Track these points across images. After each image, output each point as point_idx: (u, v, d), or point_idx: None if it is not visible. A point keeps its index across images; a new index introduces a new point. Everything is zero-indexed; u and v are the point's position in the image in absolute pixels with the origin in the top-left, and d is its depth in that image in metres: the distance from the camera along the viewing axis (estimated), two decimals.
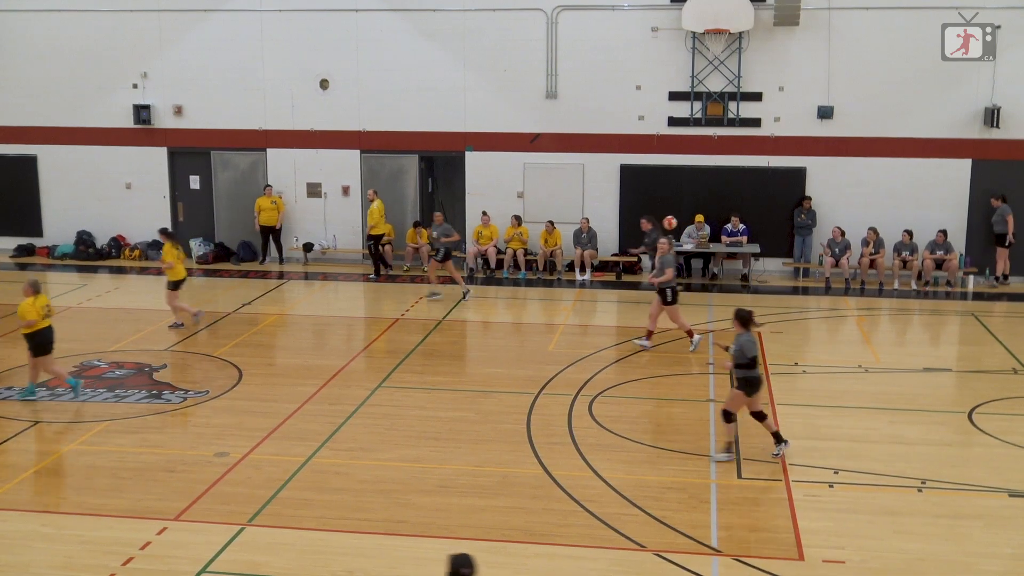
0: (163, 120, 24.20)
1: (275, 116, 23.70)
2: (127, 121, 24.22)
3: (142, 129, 24.19)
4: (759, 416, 12.46)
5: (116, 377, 15.67)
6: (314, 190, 23.85)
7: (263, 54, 23.43)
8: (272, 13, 23.31)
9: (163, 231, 18.81)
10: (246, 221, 24.01)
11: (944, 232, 21.66)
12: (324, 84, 23.41)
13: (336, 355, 17.33)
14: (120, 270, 23.50)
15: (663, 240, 17.34)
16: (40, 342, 14.57)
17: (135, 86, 24.08)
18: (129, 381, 15.51)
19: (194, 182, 24.54)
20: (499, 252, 22.90)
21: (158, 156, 24.41)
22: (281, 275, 22.98)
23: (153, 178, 24.48)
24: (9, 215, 25.06)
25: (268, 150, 23.94)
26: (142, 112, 24.02)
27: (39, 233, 25.00)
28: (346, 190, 23.61)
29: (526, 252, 22.79)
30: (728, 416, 12.37)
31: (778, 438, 12.52)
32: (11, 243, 25.02)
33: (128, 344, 17.54)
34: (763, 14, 21.61)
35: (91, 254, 24.38)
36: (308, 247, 23.74)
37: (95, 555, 10.14)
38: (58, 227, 24.87)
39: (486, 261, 22.90)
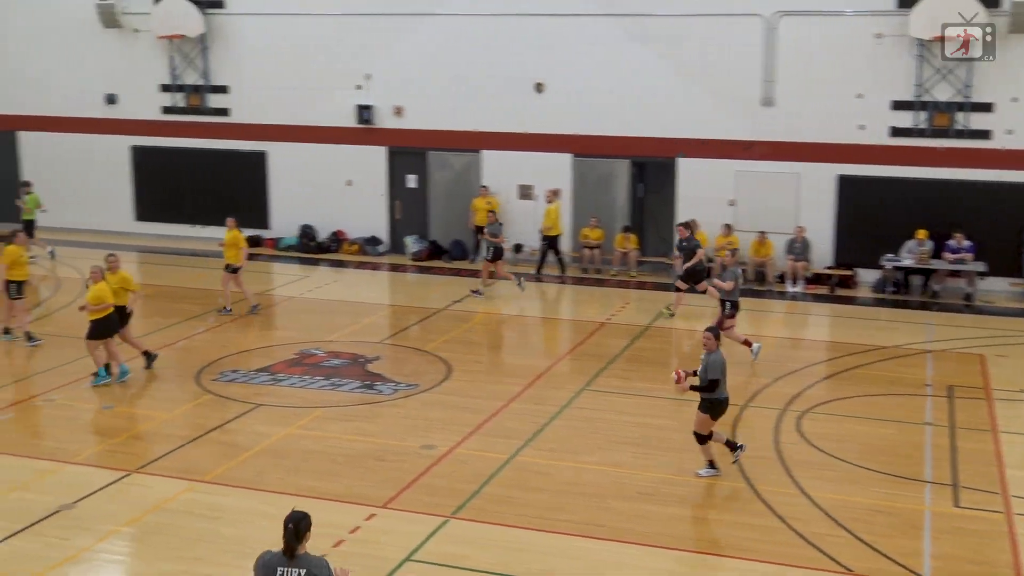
0: (384, 120, 25.02)
1: (490, 118, 24.14)
2: (350, 121, 25.16)
3: (364, 128, 25.10)
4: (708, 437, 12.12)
5: (332, 366, 16.32)
6: (525, 192, 24.17)
7: (480, 57, 23.90)
8: (490, 17, 23.75)
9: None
10: (459, 220, 24.56)
11: None
12: (539, 88, 23.70)
13: (542, 356, 17.54)
14: (339, 263, 24.44)
15: (727, 251, 17.36)
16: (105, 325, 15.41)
17: (359, 87, 24.99)
18: (344, 371, 16.13)
19: (411, 181, 25.28)
20: (708, 261, 22.64)
21: (378, 155, 25.26)
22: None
23: (372, 176, 25.35)
24: (240, 207, 26.34)
25: (482, 151, 24.42)
26: (364, 112, 24.92)
27: (266, 225, 26.28)
28: (557, 192, 23.82)
29: (737, 261, 22.40)
30: (700, 439, 12.09)
31: (731, 446, 12.32)
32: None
33: (345, 335, 18.24)
34: (997, 20, 20.56)
35: (313, 247, 25.47)
36: (518, 248, 24.08)
37: (314, 535, 10.58)
38: (284, 220, 26.09)
39: None
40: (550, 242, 23.04)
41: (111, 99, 27.00)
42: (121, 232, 26.59)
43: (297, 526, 7.28)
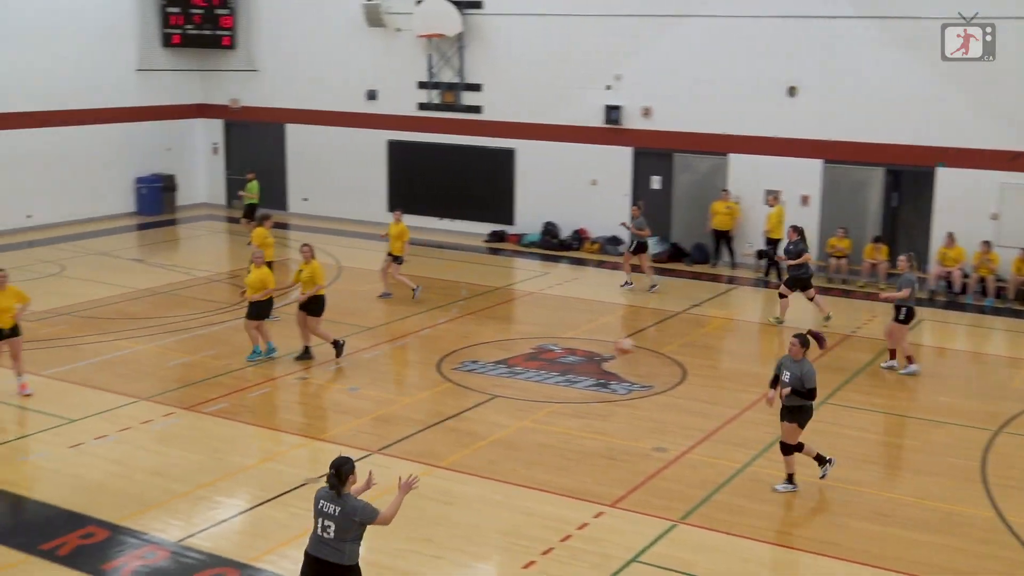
0: (631, 121, 25.05)
1: (739, 121, 23.76)
2: (598, 120, 25.33)
3: (611, 129, 25.21)
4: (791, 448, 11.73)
5: (568, 363, 16.50)
6: (772, 197, 23.63)
7: (732, 59, 23.54)
8: (745, 19, 23.35)
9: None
10: (702, 223, 24.31)
11: None
12: (792, 91, 23.12)
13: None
14: (580, 261, 24.66)
15: (902, 257, 16.39)
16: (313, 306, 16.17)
17: (608, 87, 25.12)
18: (579, 368, 16.27)
19: (655, 182, 25.21)
20: (964, 276, 21.48)
21: (623, 155, 25.33)
22: (731, 280, 23.05)
23: (617, 176, 25.43)
24: (487, 203, 27.12)
25: (729, 155, 24.07)
26: (612, 112, 25.03)
27: (511, 221, 26.83)
28: (805, 199, 23.19)
29: (996, 278, 21.18)
30: (789, 449, 11.69)
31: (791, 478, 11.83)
32: (486, 229, 27.06)
33: (582, 332, 18.40)
34: None
35: (555, 244, 25.80)
36: (761, 254, 23.60)
37: (537, 528, 10.78)
38: (528, 217, 26.56)
39: (949, 284, 21.56)
40: (773, 245, 22.51)
41: (372, 95, 28.23)
42: (375, 222, 27.73)
43: (339, 470, 7.99)
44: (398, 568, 9.94)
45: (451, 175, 27.45)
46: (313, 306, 16.22)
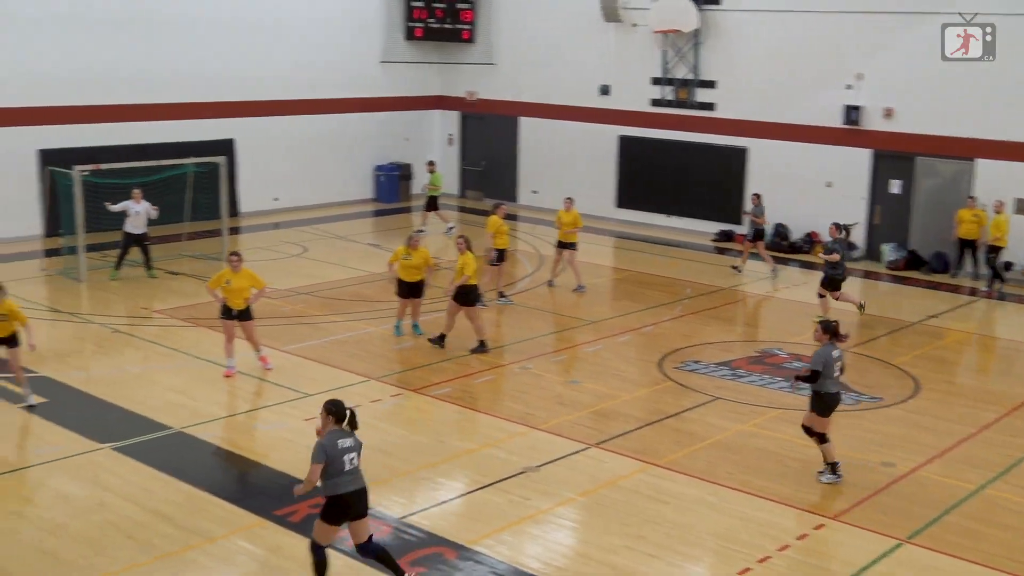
0: (871, 122, 24.13)
1: (989, 124, 22.49)
2: (835, 121, 24.54)
3: (849, 129, 24.37)
4: (814, 434, 11.88)
5: (793, 369, 16.08)
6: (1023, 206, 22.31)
7: (985, 60, 22.27)
8: (997, 16, 22.03)
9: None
10: (942, 231, 23.17)
11: None
12: None
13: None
14: (810, 265, 23.98)
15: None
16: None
17: (848, 87, 24.29)
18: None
19: (894, 186, 24.20)
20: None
21: (861, 158, 24.43)
22: (973, 291, 21.89)
23: (853, 179, 24.56)
24: (715, 201, 26.75)
25: (977, 160, 22.83)
26: (852, 113, 24.19)
27: (739, 221, 26.33)
28: (1003, 204, 21.74)
29: None
30: (821, 438, 11.85)
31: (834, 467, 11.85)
32: (713, 228, 26.70)
33: (809, 338, 17.87)
34: None
35: (785, 246, 25.19)
36: (1008, 266, 22.29)
37: (753, 534, 10.58)
38: None
39: None
40: (995, 253, 21.31)
41: (605, 90, 28.33)
42: (602, 217, 27.82)
43: (354, 413, 9.13)
44: (612, 564, 9.96)
45: (681, 172, 27.22)
46: (465, 296, 16.42)
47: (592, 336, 17.61)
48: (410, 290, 16.84)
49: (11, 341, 13.52)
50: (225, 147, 26.08)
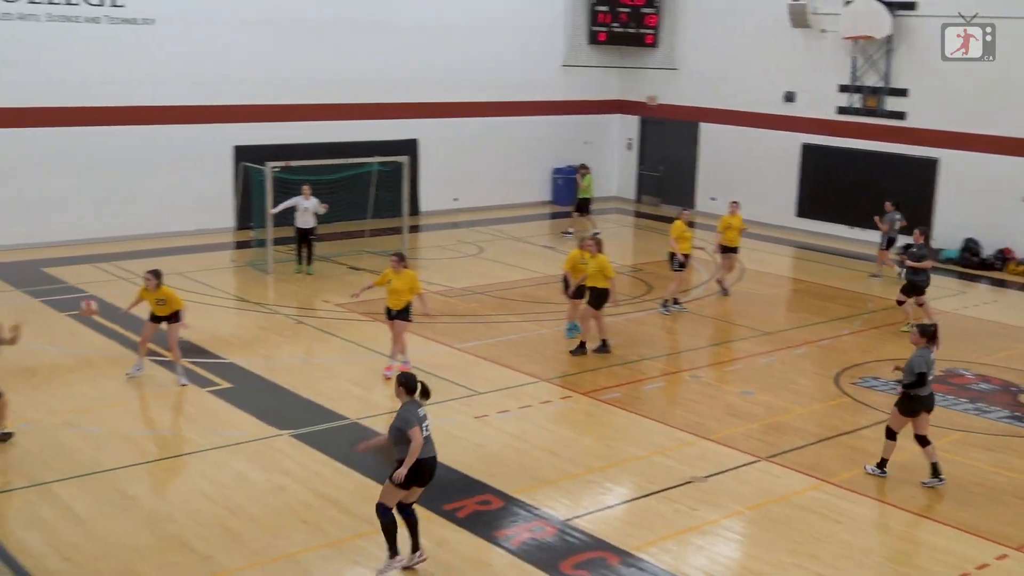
0: None
1: None
2: None
3: None
4: (921, 440, 11.91)
5: (979, 391, 15.40)
6: None
7: None
8: None
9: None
10: None
11: None
12: None
13: None
14: (1001, 283, 22.91)
15: None
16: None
17: None
18: (992, 397, 15.15)
19: None
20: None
21: None
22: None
23: None
24: (902, 214, 25.77)
25: None
26: None
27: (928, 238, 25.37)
28: None
29: None
30: (888, 433, 12.07)
31: (935, 470, 11.83)
32: (899, 241, 25.77)
33: (997, 359, 17.09)
34: None
35: (975, 263, 24.12)
36: None
37: (929, 560, 10.19)
38: (947, 231, 24.98)
39: None
40: None
41: (789, 97, 27.73)
42: (780, 226, 27.24)
43: (425, 385, 9.78)
44: None
45: (866, 183, 26.35)
46: (596, 299, 16.28)
47: (767, 347, 17.27)
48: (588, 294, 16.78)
49: (172, 318, 14.49)
50: (409, 147, 26.72)
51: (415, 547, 9.73)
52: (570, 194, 30.49)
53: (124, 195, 23.59)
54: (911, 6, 25.09)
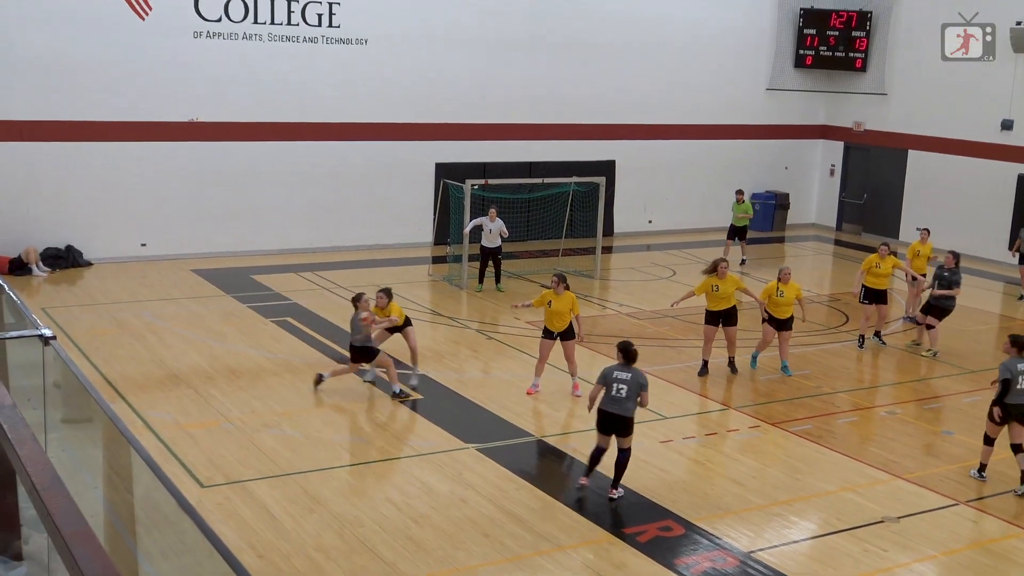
0: None
1: None
2: None
3: None
4: (1015, 448, 12.21)
5: None
6: None
7: None
8: None
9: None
10: None
11: None
12: None
13: None
14: None
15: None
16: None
17: None
18: None
19: None
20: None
21: None
22: None
23: None
24: None
25: None
26: None
27: None
28: None
29: None
30: (986, 439, 12.52)
31: None
32: None
33: None
34: None
35: None
36: None
37: None
38: None
39: None
40: None
41: (1007, 125, 26.44)
42: (993, 260, 25.99)
43: (631, 348, 11.58)
44: None
45: None
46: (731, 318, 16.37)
47: (971, 386, 16.48)
48: (778, 325, 16.49)
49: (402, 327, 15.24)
50: (607, 168, 26.84)
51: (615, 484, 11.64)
52: (768, 220, 30.01)
53: (330, 207, 24.57)
54: None
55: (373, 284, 19.80)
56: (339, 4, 23.78)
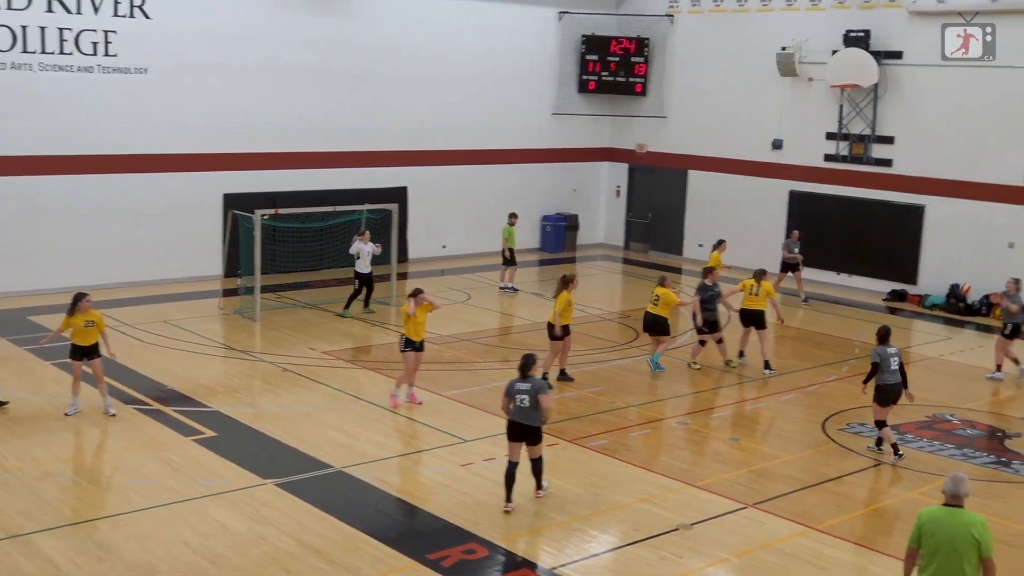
0: None
1: None
2: (1018, 179, 23.56)
3: None
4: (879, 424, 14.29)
5: (966, 436, 15.41)
6: None
7: None
8: None
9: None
10: None
11: None
12: None
13: None
14: (987, 328, 22.91)
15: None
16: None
17: None
18: (978, 442, 15.16)
19: None
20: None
21: None
22: None
23: None
24: (889, 260, 25.96)
25: None
26: None
27: (913, 281, 25.49)
28: None
29: None
30: (877, 423, 14.34)
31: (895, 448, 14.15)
32: (885, 287, 25.90)
33: (983, 405, 17.12)
34: None
35: (961, 308, 24.21)
36: None
37: None
38: (933, 277, 25.11)
39: None
40: None
41: (777, 144, 27.94)
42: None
43: (527, 361, 12.34)
44: None
45: (853, 230, 26.55)
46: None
47: (755, 393, 17.28)
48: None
49: (93, 352, 15.13)
50: (399, 195, 26.82)
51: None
52: (560, 241, 30.67)
53: (114, 243, 23.56)
54: (897, 55, 25.35)
55: (161, 319, 19.21)
56: (115, 32, 22.93)
